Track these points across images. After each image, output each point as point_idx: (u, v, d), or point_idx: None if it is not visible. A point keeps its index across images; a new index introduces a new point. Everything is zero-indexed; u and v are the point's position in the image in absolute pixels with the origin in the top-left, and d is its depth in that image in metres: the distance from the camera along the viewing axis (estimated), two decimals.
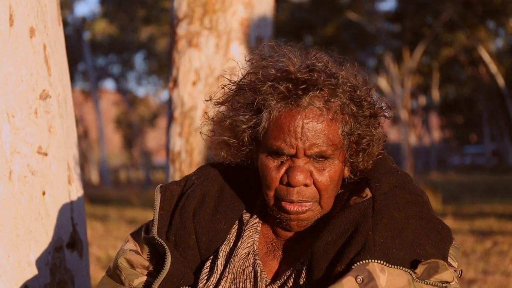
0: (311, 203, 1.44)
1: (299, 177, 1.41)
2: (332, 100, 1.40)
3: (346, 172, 1.51)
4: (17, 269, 1.87)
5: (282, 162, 1.43)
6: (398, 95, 30.47)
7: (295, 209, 1.44)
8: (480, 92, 36.56)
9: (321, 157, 1.41)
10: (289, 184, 1.42)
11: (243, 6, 3.00)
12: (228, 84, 1.52)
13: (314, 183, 1.43)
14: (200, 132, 1.59)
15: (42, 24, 1.99)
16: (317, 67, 1.43)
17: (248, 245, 1.52)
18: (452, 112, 44.80)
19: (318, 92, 1.39)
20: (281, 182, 1.44)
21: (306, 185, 1.43)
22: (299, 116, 1.39)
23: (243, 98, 1.47)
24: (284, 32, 29.59)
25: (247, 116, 1.45)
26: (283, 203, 1.44)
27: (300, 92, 1.39)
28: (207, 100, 1.55)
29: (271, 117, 1.42)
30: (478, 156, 45.88)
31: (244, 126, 1.46)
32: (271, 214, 1.50)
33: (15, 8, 1.89)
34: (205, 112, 1.60)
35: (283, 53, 1.47)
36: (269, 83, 1.41)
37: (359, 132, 1.44)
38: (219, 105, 1.53)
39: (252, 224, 1.54)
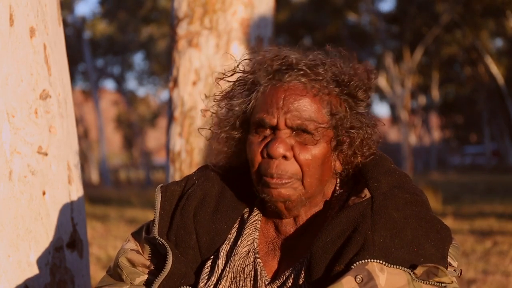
0: (291, 179, 1.44)
1: (278, 147, 1.42)
2: (318, 78, 1.43)
3: (338, 166, 1.50)
4: (17, 269, 1.88)
5: (265, 137, 1.45)
6: (398, 95, 30.47)
7: (274, 181, 1.43)
8: (480, 92, 36.57)
9: (303, 130, 1.43)
10: (269, 156, 1.43)
11: (243, 6, 3.00)
12: (224, 77, 1.55)
13: (295, 158, 1.44)
14: (199, 129, 1.63)
15: (42, 24, 1.99)
16: (311, 57, 1.47)
17: (248, 243, 1.52)
18: (452, 112, 44.81)
19: (303, 71, 1.43)
20: (262, 155, 1.45)
21: (285, 157, 1.43)
22: (282, 89, 1.44)
23: (238, 85, 1.52)
24: (284, 32, 29.58)
25: (240, 100, 1.50)
26: (264, 178, 1.44)
27: (284, 68, 1.44)
28: (207, 97, 1.59)
29: (259, 93, 1.47)
30: (478, 156, 45.88)
31: (237, 109, 1.50)
32: (262, 200, 1.50)
33: (15, 8, 1.89)
34: (204, 110, 1.64)
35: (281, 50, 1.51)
36: (260, 66, 1.47)
37: (348, 121, 1.45)
38: (220, 100, 1.55)
39: (252, 222, 1.55)
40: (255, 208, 1.56)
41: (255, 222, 1.55)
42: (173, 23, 3.07)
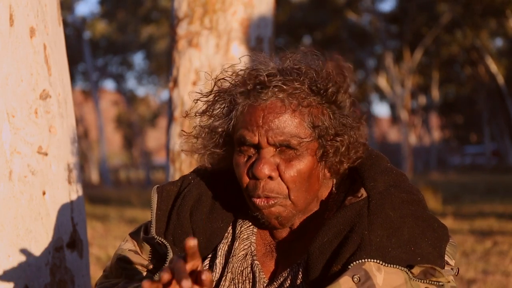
0: (278, 198, 1.43)
1: (263, 168, 1.40)
2: (295, 92, 1.40)
3: (326, 174, 1.49)
4: (17, 269, 1.88)
5: (250, 157, 1.44)
6: (398, 95, 30.48)
7: (262, 203, 1.43)
8: (480, 92, 36.58)
9: (286, 147, 1.41)
10: (254, 177, 1.42)
11: (243, 6, 3.00)
12: (202, 96, 1.54)
13: (281, 177, 1.42)
14: (182, 151, 1.62)
15: (42, 24, 1.99)
16: (287, 67, 1.45)
17: (246, 246, 1.52)
18: (452, 112, 44.82)
19: (278, 87, 1.40)
20: (248, 176, 1.44)
21: (271, 178, 1.42)
22: (260, 108, 1.41)
23: (219, 104, 1.50)
24: (284, 32, 29.57)
25: (221, 120, 1.49)
26: (253, 199, 1.44)
27: (259, 88, 1.41)
28: (185, 116, 1.58)
29: (238, 112, 1.45)
30: (478, 156, 45.88)
31: (220, 130, 1.49)
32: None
33: (15, 8, 1.89)
34: (182, 130, 1.63)
35: (261, 60, 1.49)
36: (237, 86, 1.45)
37: (332, 128, 1.43)
38: (199, 116, 1.54)
39: (249, 226, 1.54)
40: (249, 213, 1.56)
41: (251, 226, 1.55)
42: (173, 23, 3.07)
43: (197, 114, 1.54)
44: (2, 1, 1.86)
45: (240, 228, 1.55)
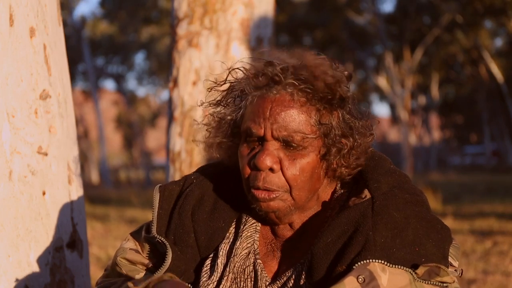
0: (279, 192, 1.43)
1: (265, 159, 1.40)
2: (306, 90, 1.40)
3: (323, 174, 1.48)
4: (17, 269, 1.88)
5: (254, 148, 1.45)
6: (398, 95, 30.47)
7: (262, 196, 1.43)
8: (480, 92, 36.58)
9: (290, 142, 1.41)
10: (255, 167, 1.42)
11: (243, 6, 3.00)
12: (215, 85, 1.54)
13: (283, 173, 1.43)
14: (193, 141, 1.63)
15: (42, 24, 1.99)
16: (301, 65, 1.44)
17: (248, 245, 1.52)
18: (452, 112, 44.84)
19: (291, 82, 1.40)
20: (250, 166, 1.44)
21: (272, 170, 1.42)
22: (269, 100, 1.42)
23: (229, 93, 1.52)
24: (284, 32, 29.56)
25: (232, 108, 1.50)
26: (252, 190, 1.44)
27: (271, 81, 1.42)
28: (201, 105, 1.59)
29: (247, 103, 1.46)
30: (478, 156, 45.92)
31: (229, 118, 1.50)
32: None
33: (15, 8, 1.89)
34: (194, 120, 1.65)
35: (277, 55, 1.49)
36: (251, 77, 1.46)
37: (339, 129, 1.43)
38: (214, 106, 1.55)
39: (251, 224, 1.55)
40: (254, 211, 1.56)
41: (254, 224, 1.55)
42: (173, 23, 3.07)
43: (211, 104, 1.54)
44: (2, 1, 1.86)
45: (243, 226, 1.55)
